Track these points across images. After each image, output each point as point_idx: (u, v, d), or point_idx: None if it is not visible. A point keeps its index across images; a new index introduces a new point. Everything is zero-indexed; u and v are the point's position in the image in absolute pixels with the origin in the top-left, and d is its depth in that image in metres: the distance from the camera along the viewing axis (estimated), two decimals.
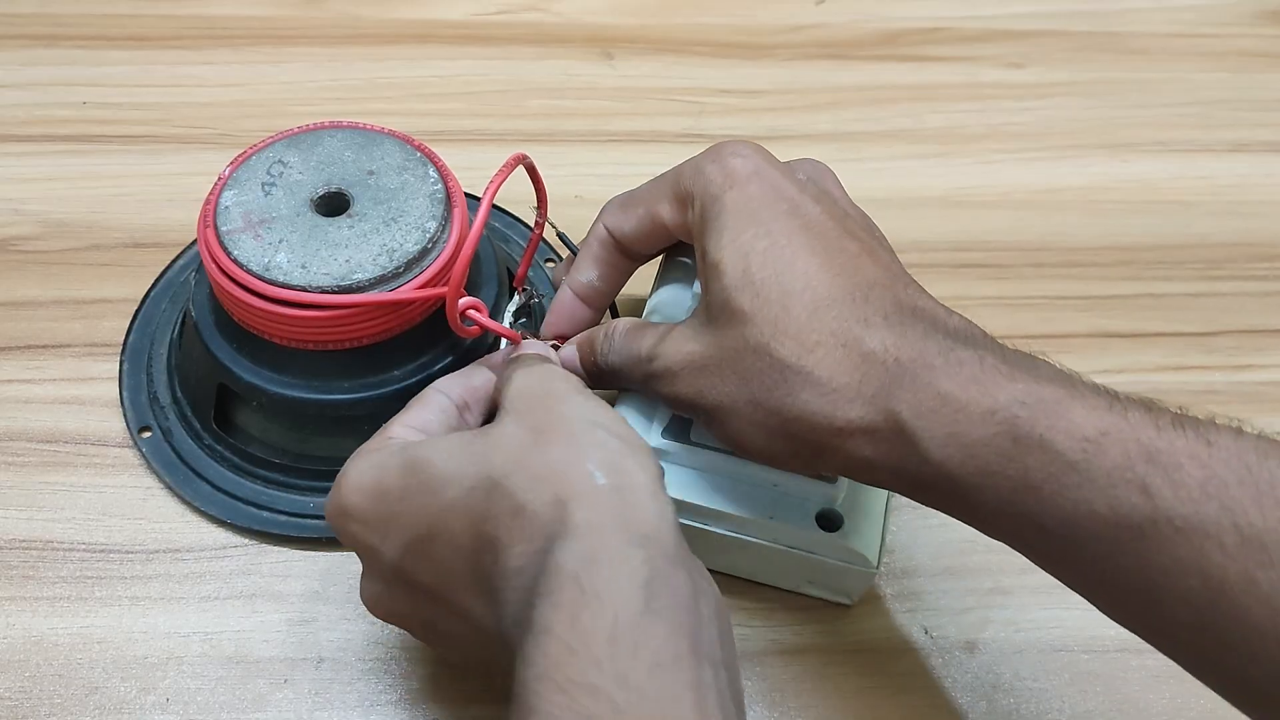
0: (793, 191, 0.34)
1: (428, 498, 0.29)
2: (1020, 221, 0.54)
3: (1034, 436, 0.27)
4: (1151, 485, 0.26)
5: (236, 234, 0.39)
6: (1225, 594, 0.25)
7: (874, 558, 0.37)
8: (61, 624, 0.39)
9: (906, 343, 0.30)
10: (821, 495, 0.37)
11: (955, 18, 0.65)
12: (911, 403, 0.29)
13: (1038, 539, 0.29)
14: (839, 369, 0.30)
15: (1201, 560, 0.25)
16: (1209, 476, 0.25)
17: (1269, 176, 0.57)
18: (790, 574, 0.39)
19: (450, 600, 0.29)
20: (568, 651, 0.24)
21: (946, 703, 0.38)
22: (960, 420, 0.28)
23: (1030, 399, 0.28)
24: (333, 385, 0.40)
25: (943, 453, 0.29)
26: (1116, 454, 0.26)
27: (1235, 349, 0.49)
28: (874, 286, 0.32)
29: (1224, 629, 0.25)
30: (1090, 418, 0.27)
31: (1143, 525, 0.26)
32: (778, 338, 0.31)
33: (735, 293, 0.32)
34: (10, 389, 0.45)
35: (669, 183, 0.36)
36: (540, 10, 0.64)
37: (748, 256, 0.32)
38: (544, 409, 0.30)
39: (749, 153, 0.35)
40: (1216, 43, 0.64)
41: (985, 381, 0.29)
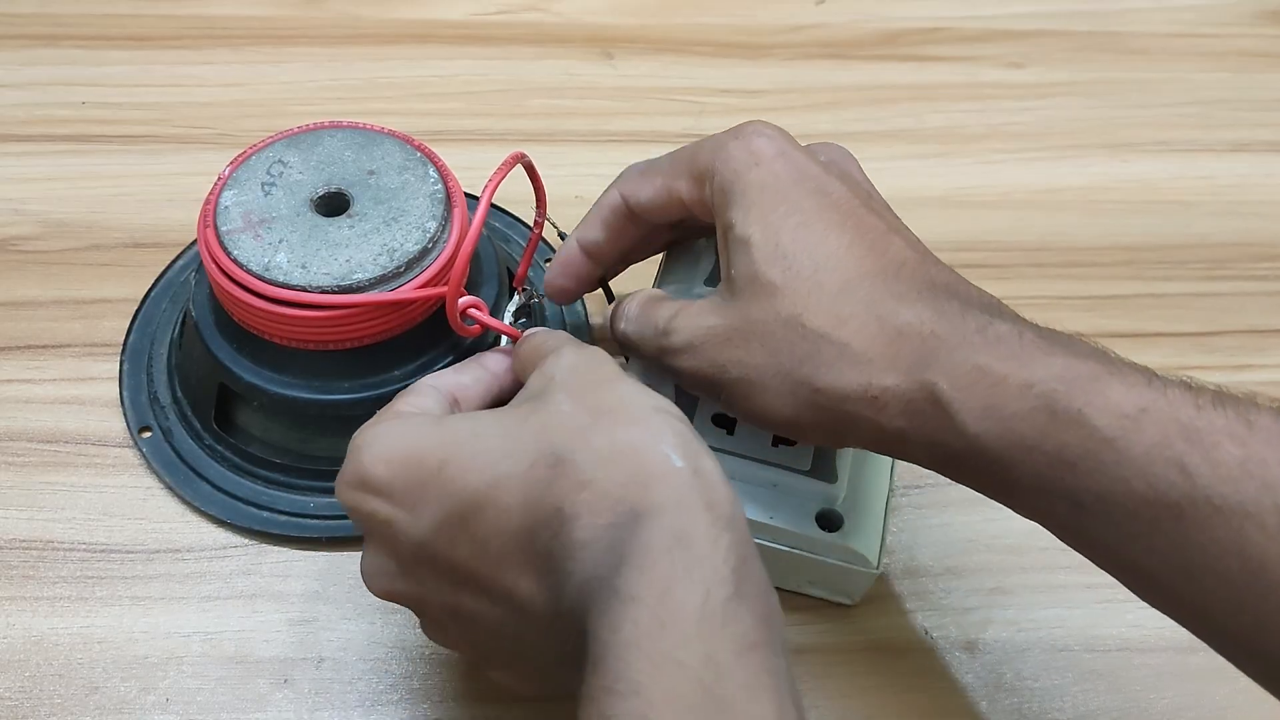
0: (817, 171, 0.34)
1: (475, 469, 0.28)
2: (1021, 221, 0.54)
3: (1072, 411, 0.27)
4: (1190, 464, 0.26)
5: (236, 234, 0.39)
6: (1264, 575, 0.25)
7: (874, 558, 0.37)
8: (61, 624, 0.39)
9: (943, 318, 0.30)
10: (821, 495, 0.37)
11: (955, 18, 0.65)
12: (948, 375, 0.29)
13: (1072, 516, 0.28)
14: (874, 341, 0.30)
15: (1240, 540, 0.25)
16: (1249, 456, 0.25)
17: (1269, 176, 0.57)
18: (791, 574, 0.39)
19: (487, 578, 0.28)
20: (657, 623, 0.24)
21: (948, 703, 0.38)
22: (997, 393, 0.28)
23: (1069, 374, 0.28)
24: (333, 385, 0.40)
25: (979, 425, 0.28)
26: (1155, 432, 0.26)
27: (1236, 349, 0.49)
28: (905, 264, 0.32)
29: (1262, 610, 0.25)
30: (1129, 395, 0.27)
31: (1180, 504, 0.26)
32: (811, 310, 0.31)
33: (766, 266, 0.32)
34: (10, 389, 0.45)
35: (687, 158, 0.36)
36: (540, 10, 0.64)
37: (778, 232, 0.32)
38: (600, 390, 0.29)
39: (773, 133, 0.35)
40: (1216, 43, 0.64)
41: (1023, 356, 0.29)
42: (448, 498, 0.28)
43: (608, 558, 0.25)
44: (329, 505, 0.42)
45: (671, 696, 0.23)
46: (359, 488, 0.30)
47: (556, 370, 0.30)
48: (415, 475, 0.29)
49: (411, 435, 0.30)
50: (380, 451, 0.30)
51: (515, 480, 0.27)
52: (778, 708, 0.24)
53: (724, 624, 0.24)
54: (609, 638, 0.24)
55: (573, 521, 0.26)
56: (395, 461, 0.29)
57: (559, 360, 0.31)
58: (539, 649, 0.29)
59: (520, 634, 0.29)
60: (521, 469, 0.27)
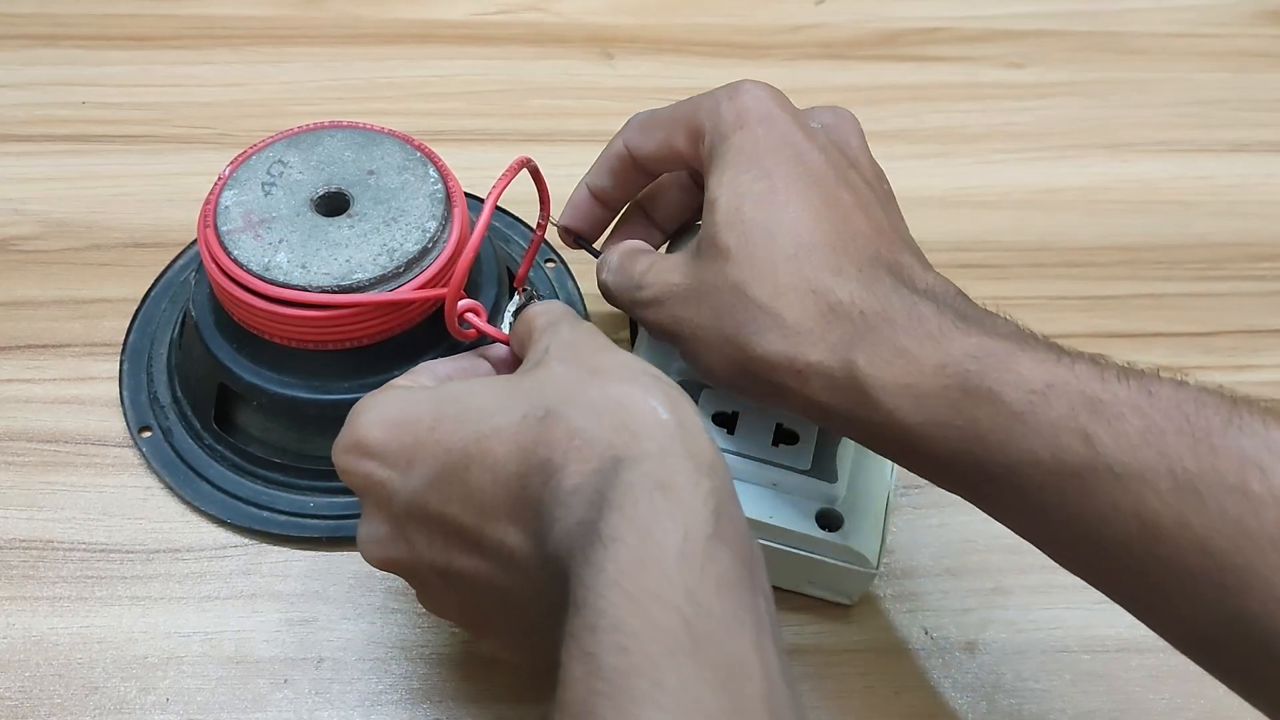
0: (799, 138, 0.35)
1: (467, 425, 0.29)
2: (1020, 221, 0.54)
3: (983, 389, 0.28)
4: (1093, 434, 0.27)
5: (236, 234, 0.39)
6: (1161, 538, 0.26)
7: (874, 558, 0.37)
8: (61, 624, 0.39)
9: (873, 296, 0.31)
10: (821, 495, 0.37)
11: (955, 18, 0.65)
12: (869, 354, 0.30)
13: (985, 486, 0.30)
14: (806, 315, 0.31)
15: (1139, 506, 0.26)
16: (1148, 425, 0.26)
17: (1269, 177, 0.57)
18: (790, 574, 0.39)
19: (477, 531, 0.29)
20: (638, 563, 0.24)
21: (947, 703, 0.38)
22: (913, 373, 0.29)
23: (981, 352, 0.29)
24: (333, 385, 0.40)
25: (895, 403, 0.30)
26: (1061, 405, 0.27)
27: (1234, 349, 0.49)
28: (856, 238, 0.33)
29: (1160, 572, 0.26)
30: (1037, 370, 0.28)
31: (1083, 472, 0.27)
32: (754, 278, 0.32)
33: (723, 230, 0.33)
34: (10, 389, 0.45)
35: (687, 114, 0.37)
36: (540, 10, 0.64)
37: (742, 197, 0.33)
38: (593, 355, 0.30)
39: (764, 95, 0.35)
40: (1216, 43, 0.64)
41: (940, 336, 0.30)
42: (440, 454, 0.29)
43: (592, 502, 0.26)
44: (329, 505, 0.42)
45: (652, 631, 0.24)
46: (353, 451, 0.31)
47: (552, 342, 0.31)
48: (409, 435, 0.30)
49: (406, 400, 0.31)
50: (375, 416, 0.30)
51: (506, 433, 0.28)
52: (756, 642, 0.24)
53: (704, 563, 0.25)
54: (591, 579, 0.25)
55: (561, 470, 0.27)
56: (389, 424, 0.30)
57: (556, 333, 0.32)
58: (528, 606, 0.29)
59: (510, 590, 0.29)
60: (513, 422, 0.28)
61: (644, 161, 0.39)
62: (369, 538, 0.32)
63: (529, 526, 0.28)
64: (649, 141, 0.39)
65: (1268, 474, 0.25)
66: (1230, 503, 0.25)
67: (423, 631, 0.39)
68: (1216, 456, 0.25)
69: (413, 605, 0.40)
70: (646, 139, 0.39)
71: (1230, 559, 0.25)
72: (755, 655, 0.24)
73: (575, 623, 0.25)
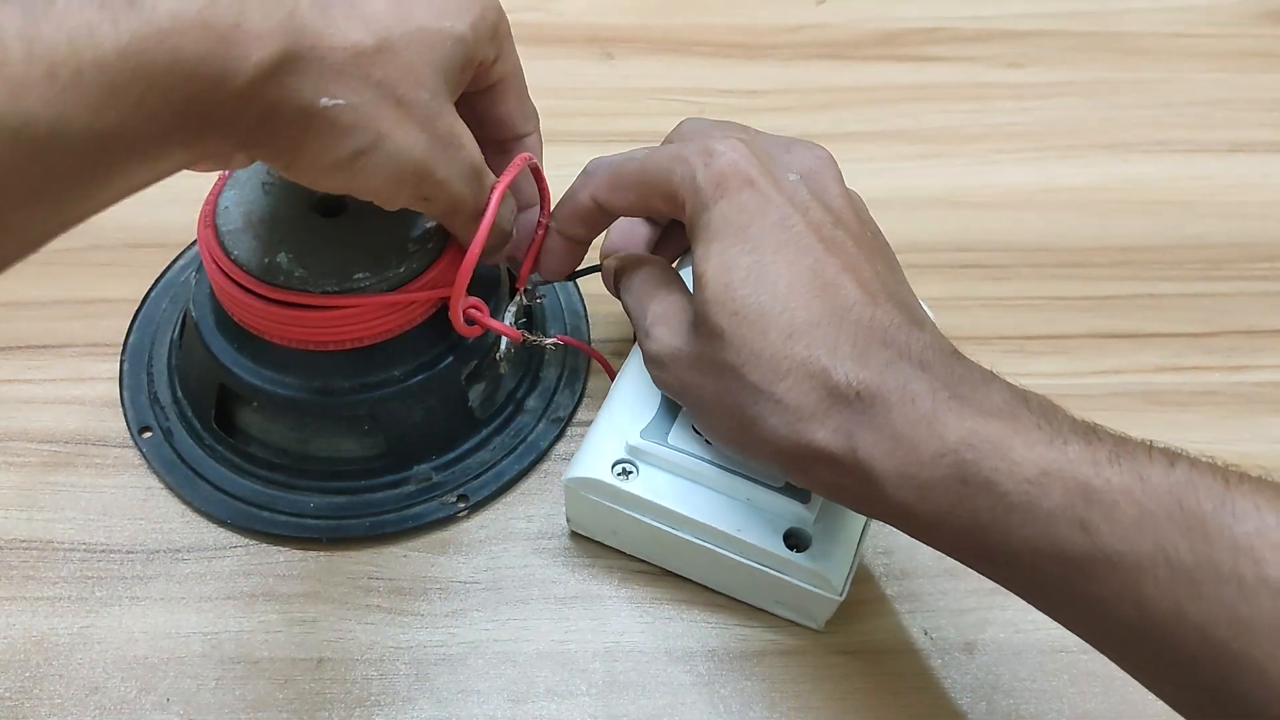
0: (781, 202, 0.34)
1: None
2: (1020, 222, 0.54)
3: (980, 479, 0.29)
4: (1090, 523, 0.27)
5: (236, 234, 0.39)
6: (1158, 624, 0.26)
7: (840, 583, 0.36)
8: (61, 624, 0.39)
9: (869, 374, 0.31)
10: (793, 515, 0.37)
11: (955, 18, 0.65)
12: (868, 441, 0.30)
13: (990, 570, 0.31)
14: (807, 398, 0.31)
15: (1136, 593, 0.26)
16: (1142, 514, 0.27)
17: (1268, 177, 0.57)
18: (757, 591, 0.39)
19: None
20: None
21: (946, 704, 0.38)
22: (913, 462, 0.30)
23: (975, 439, 0.29)
24: (333, 385, 0.40)
25: (899, 494, 0.30)
26: (1057, 494, 0.28)
27: (1234, 349, 0.49)
28: (851, 308, 0.32)
29: (1158, 657, 0.27)
30: (1030, 455, 0.28)
31: (1081, 561, 0.27)
32: (751, 362, 0.32)
33: (715, 309, 0.33)
34: (10, 389, 0.45)
35: (659, 178, 0.36)
36: (540, 10, 0.64)
37: (730, 272, 0.33)
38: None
39: (738, 157, 0.34)
40: (1216, 43, 0.64)
41: (934, 420, 0.30)
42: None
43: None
44: (329, 505, 0.42)
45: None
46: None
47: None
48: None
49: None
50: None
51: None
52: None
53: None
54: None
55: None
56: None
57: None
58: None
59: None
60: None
61: (618, 214, 0.39)
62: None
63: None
64: (620, 200, 0.38)
65: (1260, 563, 0.25)
66: (1225, 592, 0.25)
67: (423, 632, 0.39)
68: (1210, 545, 0.26)
69: (412, 605, 0.40)
70: (617, 198, 0.38)
71: (1226, 646, 0.25)
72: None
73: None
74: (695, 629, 0.40)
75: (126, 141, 0.26)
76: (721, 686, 0.38)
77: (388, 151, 0.32)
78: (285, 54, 0.28)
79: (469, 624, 0.39)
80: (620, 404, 0.39)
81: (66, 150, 0.25)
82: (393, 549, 0.41)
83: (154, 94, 0.26)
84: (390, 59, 0.31)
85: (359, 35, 0.30)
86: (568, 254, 0.41)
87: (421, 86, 0.32)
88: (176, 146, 0.28)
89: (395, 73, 0.31)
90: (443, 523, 0.42)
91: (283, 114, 0.29)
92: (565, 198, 0.40)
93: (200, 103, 0.27)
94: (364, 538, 0.41)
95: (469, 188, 0.35)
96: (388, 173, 0.32)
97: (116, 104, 0.25)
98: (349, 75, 0.30)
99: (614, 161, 0.38)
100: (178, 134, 0.27)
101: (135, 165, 0.27)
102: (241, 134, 0.29)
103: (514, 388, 0.45)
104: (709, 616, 0.40)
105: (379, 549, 0.41)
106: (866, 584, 0.41)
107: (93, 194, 0.27)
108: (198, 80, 0.27)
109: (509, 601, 0.40)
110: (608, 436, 0.38)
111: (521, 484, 0.43)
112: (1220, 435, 0.46)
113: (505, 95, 0.38)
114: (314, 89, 0.29)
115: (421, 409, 0.41)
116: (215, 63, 0.27)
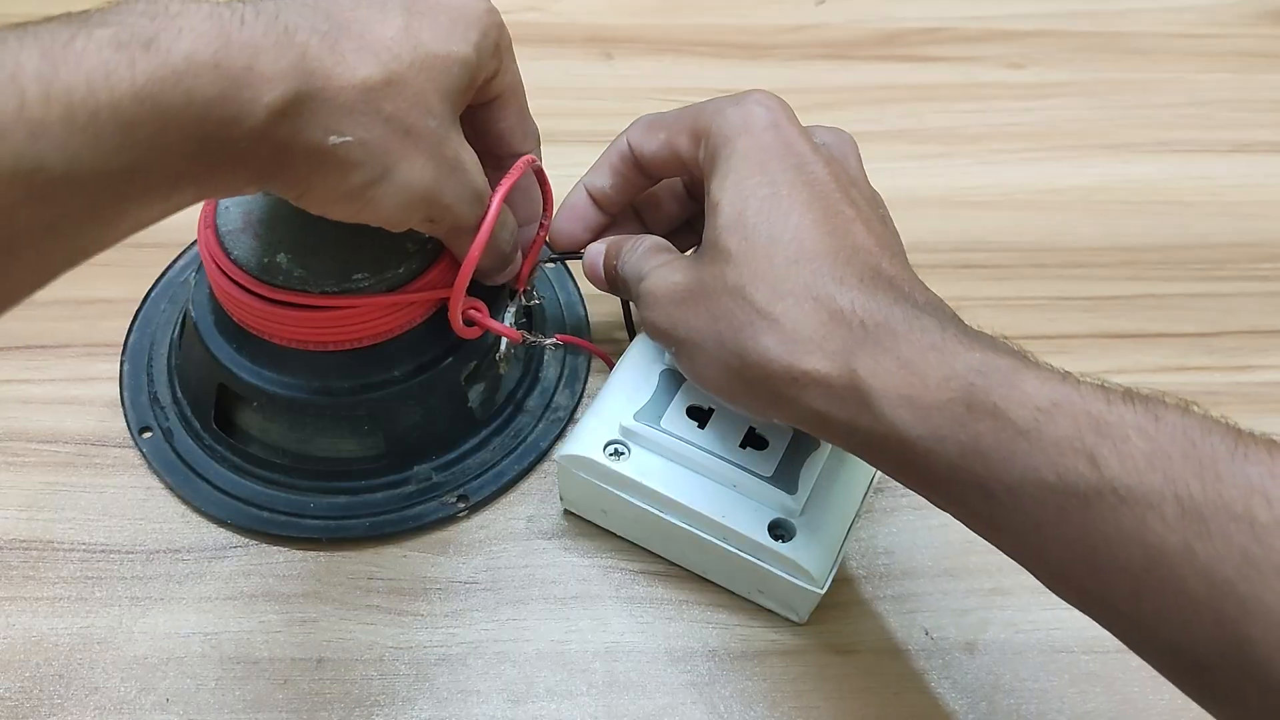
0: (805, 148, 0.35)
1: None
2: (1021, 222, 0.54)
3: (987, 404, 0.28)
4: (1099, 455, 0.26)
5: (236, 234, 0.39)
6: (1163, 563, 0.26)
7: (822, 577, 0.37)
8: (61, 624, 0.39)
9: (875, 306, 0.31)
10: (779, 504, 0.37)
11: (955, 18, 0.65)
12: (870, 363, 0.30)
13: (983, 505, 0.29)
14: (806, 321, 0.31)
15: (1143, 530, 0.26)
16: (1154, 449, 0.26)
17: (1270, 177, 0.57)
18: (740, 579, 0.39)
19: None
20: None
21: (947, 704, 0.38)
22: (916, 384, 0.29)
23: (986, 368, 0.29)
24: (333, 385, 0.40)
25: (895, 414, 0.29)
26: (1066, 424, 0.27)
27: (1237, 350, 0.49)
28: (859, 250, 0.33)
29: (1160, 597, 0.26)
30: (1043, 388, 0.28)
31: (1088, 494, 0.27)
32: (754, 281, 0.32)
33: (726, 232, 0.33)
34: (10, 389, 0.45)
35: (691, 116, 0.37)
36: (540, 10, 0.64)
37: (746, 200, 0.33)
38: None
39: (772, 104, 0.36)
40: (1217, 43, 0.64)
41: (944, 349, 0.29)
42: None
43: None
44: (329, 505, 0.42)
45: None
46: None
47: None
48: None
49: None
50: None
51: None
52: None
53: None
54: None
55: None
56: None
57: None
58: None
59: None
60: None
61: (645, 162, 0.40)
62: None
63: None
64: (652, 141, 0.39)
65: (1272, 504, 0.25)
66: (1235, 531, 0.25)
67: (422, 632, 0.39)
68: (1222, 484, 0.25)
69: (412, 605, 0.40)
70: (650, 139, 0.39)
71: (1234, 587, 0.25)
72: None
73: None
74: (695, 629, 0.40)
75: (139, 181, 0.27)
76: (722, 687, 0.38)
77: (397, 182, 0.32)
78: (297, 95, 0.28)
79: (469, 624, 0.39)
80: (617, 387, 0.39)
81: (80, 190, 0.25)
82: (392, 549, 0.41)
83: (167, 135, 0.26)
84: (399, 90, 0.31)
85: (368, 70, 0.30)
86: (586, 214, 0.41)
87: (429, 114, 0.32)
88: (188, 184, 0.28)
89: (404, 104, 0.31)
90: (442, 523, 0.42)
91: (293, 152, 0.29)
92: (602, 153, 0.41)
93: (212, 142, 0.27)
94: (364, 538, 0.41)
95: (472, 210, 0.36)
96: (397, 202, 0.33)
97: (130, 145, 0.25)
98: (359, 111, 0.30)
99: (657, 112, 0.40)
100: (189, 173, 0.28)
101: (147, 203, 0.28)
102: (252, 171, 0.29)
103: (514, 388, 0.45)
104: (709, 616, 0.40)
105: (379, 549, 0.41)
106: (867, 584, 0.41)
107: (105, 231, 0.28)
108: (210, 121, 0.27)
109: (509, 602, 0.40)
110: (603, 417, 0.39)
111: (521, 484, 0.43)
112: None
113: (505, 110, 0.38)
114: (324, 127, 0.30)
115: (421, 409, 0.41)
116: (228, 105, 0.27)
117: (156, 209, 0.28)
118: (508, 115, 0.39)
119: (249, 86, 0.27)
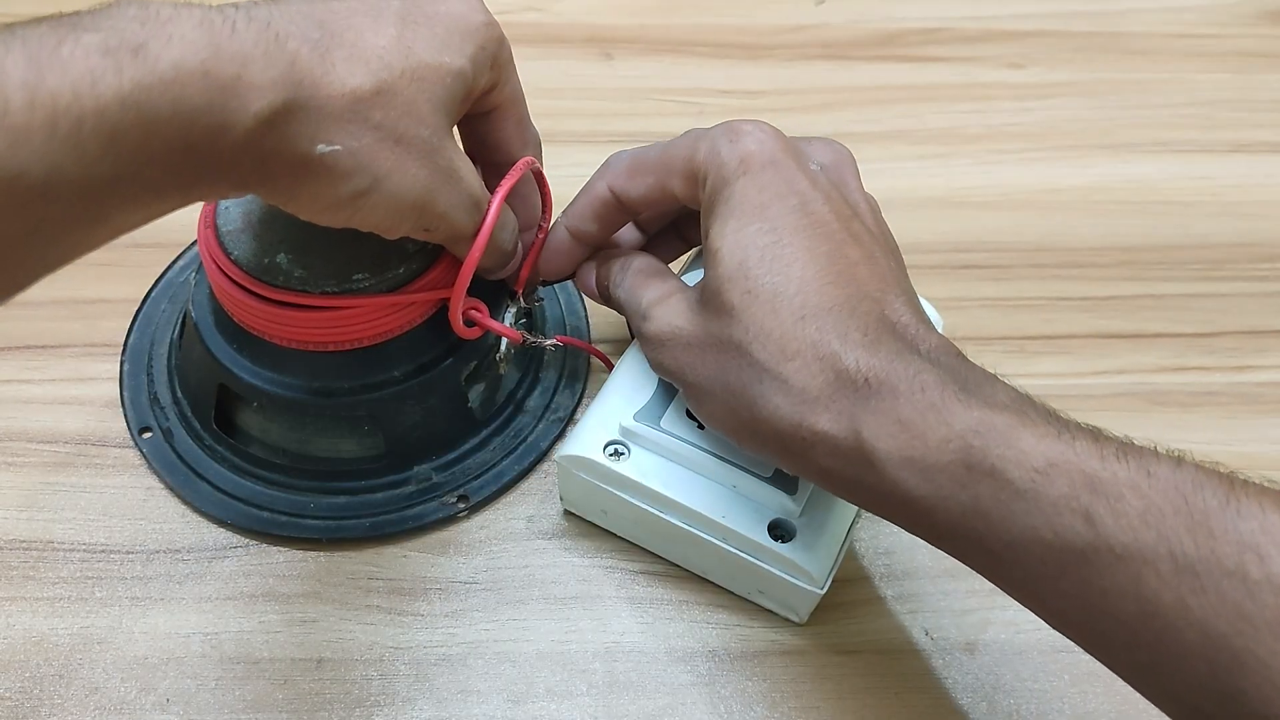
0: (804, 185, 0.34)
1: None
2: (1020, 222, 0.54)
3: (985, 465, 0.28)
4: (1094, 514, 0.27)
5: (236, 234, 0.39)
6: (1159, 617, 0.26)
7: (821, 577, 0.37)
8: (61, 624, 0.39)
9: (878, 362, 0.31)
10: (779, 505, 0.37)
11: (955, 18, 0.65)
12: (873, 425, 0.30)
13: (985, 558, 0.30)
14: (813, 380, 0.31)
15: (1138, 585, 0.26)
16: (1148, 506, 0.27)
17: (1269, 177, 0.57)
18: (740, 579, 0.39)
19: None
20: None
21: (947, 704, 0.38)
22: (918, 445, 0.30)
23: (983, 427, 0.29)
24: (333, 385, 0.40)
25: (898, 474, 0.30)
26: (1063, 484, 0.28)
27: (1235, 350, 0.49)
28: (864, 299, 0.32)
29: (1157, 649, 0.27)
30: (1039, 446, 0.28)
31: (1085, 551, 0.27)
32: (760, 339, 0.32)
33: (728, 285, 0.33)
34: (10, 389, 0.45)
35: (682, 157, 0.36)
36: (540, 10, 0.64)
37: (747, 250, 0.33)
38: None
39: (765, 137, 0.35)
40: (1217, 43, 0.64)
41: (943, 408, 0.30)
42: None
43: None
44: (329, 505, 0.42)
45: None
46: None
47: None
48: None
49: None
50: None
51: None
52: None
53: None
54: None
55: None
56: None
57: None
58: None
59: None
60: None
61: (633, 205, 0.39)
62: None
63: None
64: (638, 186, 0.38)
65: (1265, 560, 0.25)
66: (1228, 587, 0.25)
67: (422, 632, 0.39)
68: (1215, 540, 0.26)
69: (412, 605, 0.40)
70: (635, 184, 0.38)
71: (1228, 641, 0.25)
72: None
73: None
74: (695, 629, 0.40)
75: (122, 188, 0.26)
76: (722, 687, 0.38)
77: (387, 191, 0.32)
78: (285, 105, 0.28)
79: (469, 624, 0.39)
80: (617, 388, 0.39)
81: (61, 198, 0.25)
82: (393, 549, 0.41)
83: (153, 142, 0.26)
84: (390, 100, 0.31)
85: (358, 80, 0.30)
86: (572, 253, 0.41)
87: (421, 124, 0.32)
88: (172, 191, 0.28)
89: (395, 113, 0.31)
90: (443, 523, 0.42)
91: (280, 160, 0.29)
92: (580, 193, 0.40)
93: (198, 151, 0.27)
94: (364, 538, 0.41)
95: (469, 218, 0.36)
96: (387, 210, 0.33)
97: (114, 153, 0.25)
98: (347, 120, 0.30)
99: (633, 151, 0.38)
100: (174, 180, 0.28)
101: (130, 209, 0.28)
102: (237, 179, 0.29)
103: (514, 388, 0.45)
104: (709, 617, 0.40)
105: (379, 549, 0.41)
106: (867, 584, 0.41)
107: (87, 236, 0.28)
108: (197, 130, 0.27)
109: (509, 602, 0.40)
110: (603, 417, 0.39)
111: (521, 484, 0.43)
112: (1222, 436, 0.46)
113: (504, 121, 0.38)
114: (311, 136, 0.29)
115: (421, 409, 0.41)
116: (215, 113, 0.27)
117: (140, 215, 0.28)
118: (506, 125, 0.38)
119: (237, 96, 0.27)
